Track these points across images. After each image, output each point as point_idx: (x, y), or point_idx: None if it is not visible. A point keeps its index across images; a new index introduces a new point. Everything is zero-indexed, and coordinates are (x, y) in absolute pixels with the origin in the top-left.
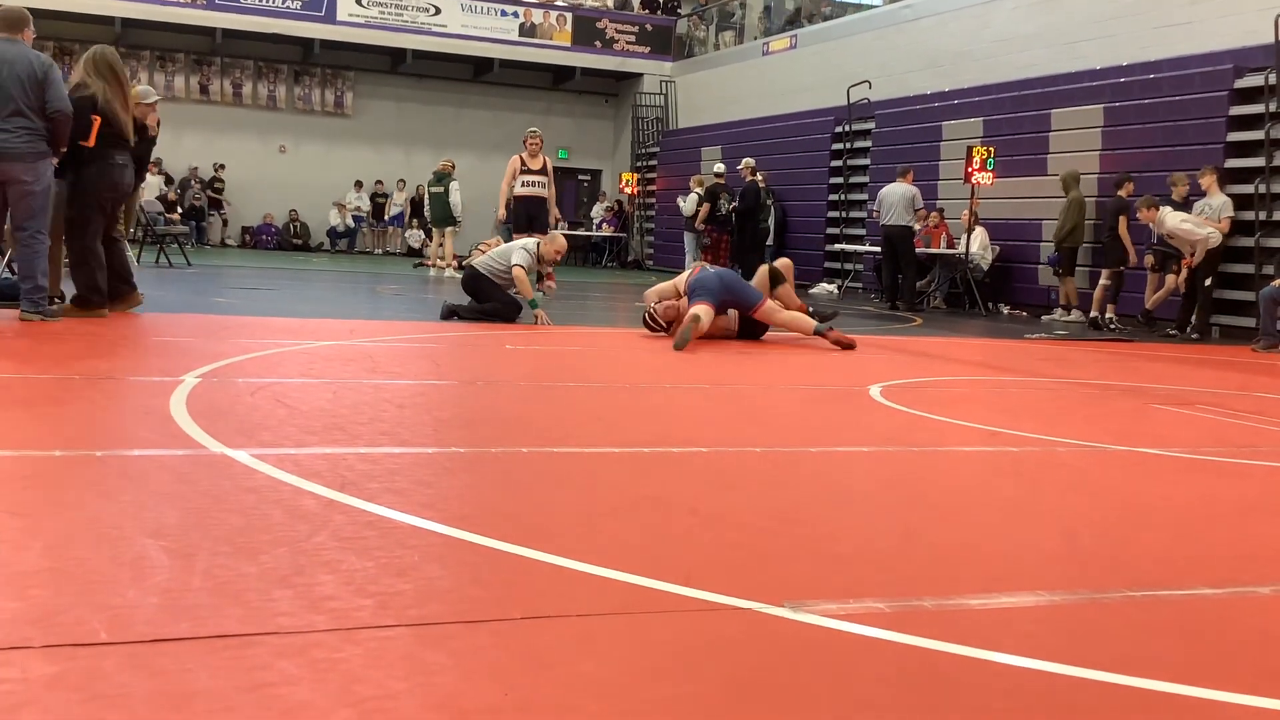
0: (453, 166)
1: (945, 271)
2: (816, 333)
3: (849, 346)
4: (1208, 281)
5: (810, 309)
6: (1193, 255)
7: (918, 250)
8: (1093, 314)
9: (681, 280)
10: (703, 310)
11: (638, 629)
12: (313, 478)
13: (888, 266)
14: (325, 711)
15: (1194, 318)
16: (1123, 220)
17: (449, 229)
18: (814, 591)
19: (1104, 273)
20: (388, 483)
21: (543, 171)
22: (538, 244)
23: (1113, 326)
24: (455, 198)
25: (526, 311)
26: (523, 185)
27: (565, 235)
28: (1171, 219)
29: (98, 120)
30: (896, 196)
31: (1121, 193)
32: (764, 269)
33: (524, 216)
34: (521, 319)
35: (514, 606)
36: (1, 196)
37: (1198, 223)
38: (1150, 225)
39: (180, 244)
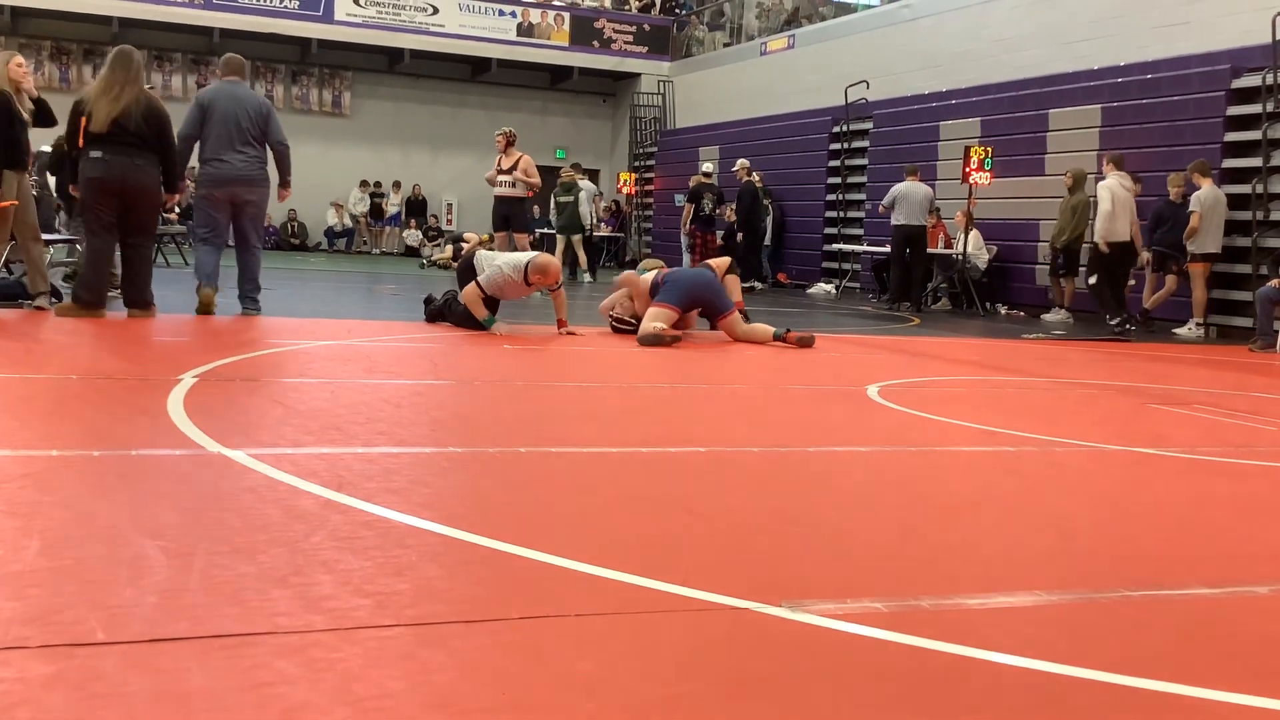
0: (578, 175)
1: (942, 271)
2: (776, 338)
3: (809, 344)
4: (1090, 279)
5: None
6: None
7: None
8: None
9: (643, 279)
10: (663, 318)
11: (635, 628)
12: (310, 477)
13: (899, 266)
14: (323, 711)
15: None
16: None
17: (576, 236)
18: (811, 591)
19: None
20: (385, 482)
21: (513, 170)
22: (526, 265)
23: (1112, 324)
24: (585, 208)
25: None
26: (499, 185)
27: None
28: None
29: (83, 121)
30: (919, 196)
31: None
32: (727, 260)
33: (500, 216)
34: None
35: (512, 606)
36: (229, 211)
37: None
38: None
39: (177, 244)
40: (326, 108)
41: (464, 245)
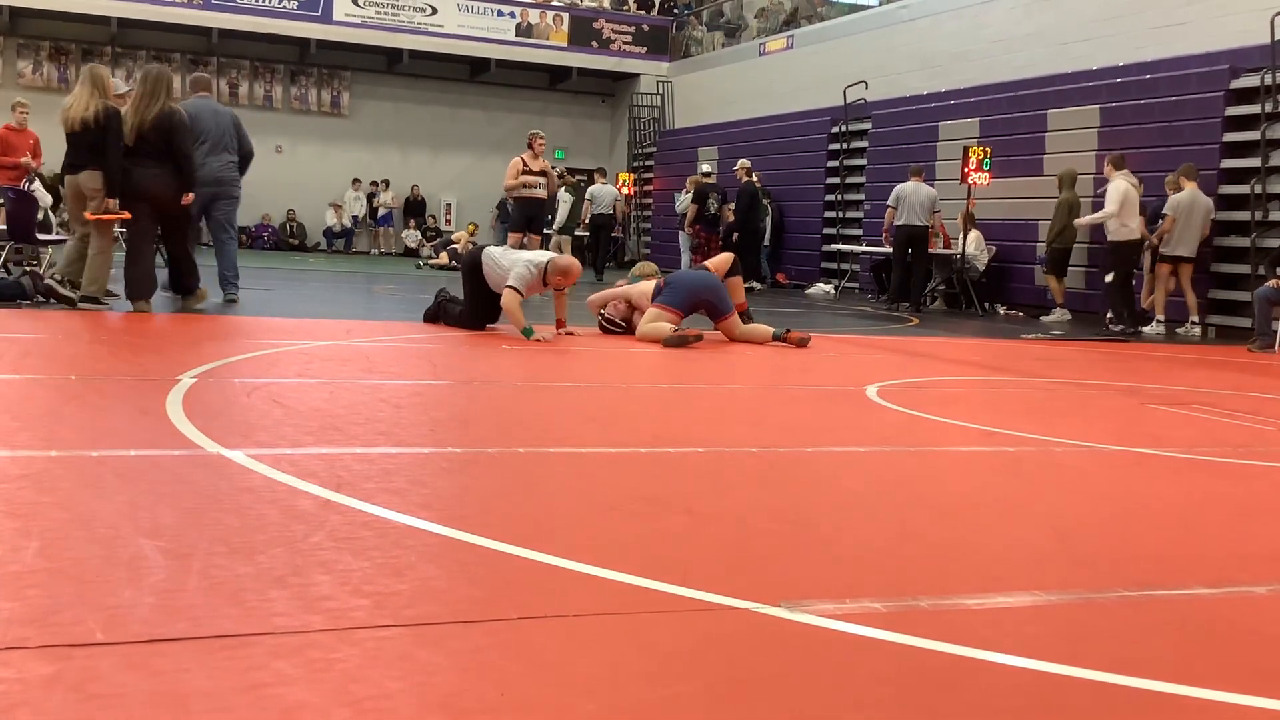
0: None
1: (941, 272)
2: (775, 338)
3: (804, 343)
4: (1108, 278)
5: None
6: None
7: None
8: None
9: (643, 288)
10: (665, 320)
11: (634, 629)
12: (309, 478)
13: (900, 266)
14: (322, 711)
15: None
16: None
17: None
18: (810, 591)
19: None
20: (384, 483)
21: (543, 173)
22: (546, 264)
23: (1113, 328)
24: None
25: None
26: (524, 186)
27: (556, 234)
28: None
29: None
30: (921, 197)
31: None
32: (729, 257)
33: (523, 218)
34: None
35: (510, 606)
36: (203, 210)
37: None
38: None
39: None
40: (325, 108)
41: (455, 246)
